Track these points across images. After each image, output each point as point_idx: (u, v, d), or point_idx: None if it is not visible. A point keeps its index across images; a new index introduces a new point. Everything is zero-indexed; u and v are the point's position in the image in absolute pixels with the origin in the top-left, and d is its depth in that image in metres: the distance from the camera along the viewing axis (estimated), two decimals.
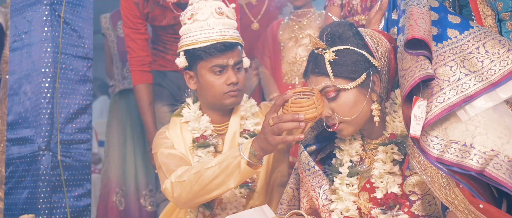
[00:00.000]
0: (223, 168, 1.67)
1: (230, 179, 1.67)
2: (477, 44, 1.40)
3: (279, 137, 1.53)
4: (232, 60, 1.91)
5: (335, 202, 1.56)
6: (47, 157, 2.34)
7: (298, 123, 1.47)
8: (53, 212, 2.34)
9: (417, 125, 1.28)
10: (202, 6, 1.93)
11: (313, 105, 1.47)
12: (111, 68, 3.44)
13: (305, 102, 1.48)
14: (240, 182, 1.69)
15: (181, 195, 1.76)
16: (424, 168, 1.33)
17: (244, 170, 1.64)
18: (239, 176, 1.66)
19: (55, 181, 2.35)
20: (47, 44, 2.37)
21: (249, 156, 1.62)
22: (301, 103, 1.48)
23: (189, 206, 1.85)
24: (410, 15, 1.39)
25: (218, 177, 1.68)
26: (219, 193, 1.73)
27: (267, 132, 1.54)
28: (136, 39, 2.56)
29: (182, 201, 1.78)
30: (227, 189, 1.71)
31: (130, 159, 3.13)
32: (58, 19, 2.40)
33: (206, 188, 1.71)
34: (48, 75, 2.37)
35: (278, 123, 1.51)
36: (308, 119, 1.48)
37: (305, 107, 1.47)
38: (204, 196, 1.74)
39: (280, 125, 1.50)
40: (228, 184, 1.68)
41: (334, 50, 1.48)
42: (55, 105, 2.36)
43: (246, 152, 1.63)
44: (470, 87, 1.32)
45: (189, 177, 1.73)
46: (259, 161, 1.64)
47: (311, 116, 1.47)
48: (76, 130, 2.44)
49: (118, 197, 3.11)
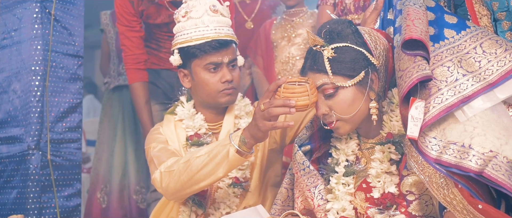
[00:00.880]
0: (212, 156, 1.67)
1: (219, 168, 1.66)
2: (474, 44, 1.40)
3: (269, 123, 1.53)
4: (226, 58, 1.90)
5: (331, 201, 1.55)
6: (36, 156, 2.31)
7: (289, 108, 1.47)
8: (43, 212, 2.31)
9: (415, 126, 1.27)
10: (196, 3, 1.92)
11: (305, 93, 1.46)
12: (107, 65, 3.41)
13: (298, 89, 1.47)
14: (228, 170, 1.68)
15: (169, 185, 1.75)
16: (421, 168, 1.32)
17: (233, 158, 1.63)
18: (228, 164, 1.65)
19: (45, 180, 2.32)
20: (37, 42, 2.34)
21: (239, 144, 1.62)
22: (293, 90, 1.47)
23: (177, 198, 1.84)
24: (406, 15, 1.39)
25: (206, 165, 1.67)
26: (207, 183, 1.71)
27: (257, 117, 1.54)
28: (131, 37, 2.53)
29: (170, 192, 1.77)
30: (216, 179, 1.70)
31: (119, 156, 3.10)
32: (48, 16, 2.36)
33: (194, 177, 1.70)
34: (38, 73, 2.33)
35: (269, 107, 1.50)
36: (299, 106, 1.47)
37: (297, 94, 1.47)
38: (192, 186, 1.72)
39: (270, 110, 1.50)
40: (217, 173, 1.67)
41: (333, 47, 1.47)
42: (45, 104, 2.33)
43: (236, 139, 1.63)
44: (468, 87, 1.32)
45: (178, 166, 1.73)
46: (249, 149, 1.64)
47: (303, 104, 1.46)
48: (66, 128, 2.41)
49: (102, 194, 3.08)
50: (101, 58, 3.57)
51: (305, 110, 1.49)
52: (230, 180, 1.92)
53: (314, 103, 1.49)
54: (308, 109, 1.49)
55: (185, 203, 1.93)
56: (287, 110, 1.47)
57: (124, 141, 3.11)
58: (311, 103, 1.47)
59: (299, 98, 1.47)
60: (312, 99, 1.47)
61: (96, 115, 5.82)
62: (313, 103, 1.48)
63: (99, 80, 7.06)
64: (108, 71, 3.36)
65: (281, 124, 1.54)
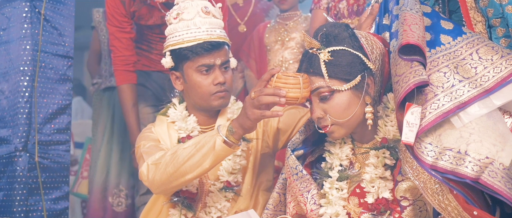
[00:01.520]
0: (199, 147, 1.65)
1: (206, 159, 1.64)
2: (470, 51, 1.40)
3: (258, 111, 1.52)
4: (219, 59, 1.88)
5: (325, 206, 1.55)
6: (24, 158, 2.27)
7: (279, 98, 1.46)
8: (29, 215, 2.27)
9: (410, 132, 1.27)
10: (188, 5, 1.90)
11: (297, 85, 1.46)
12: (95, 64, 3.36)
13: (291, 80, 1.47)
14: (215, 162, 1.66)
15: (155, 177, 1.73)
16: (416, 174, 1.32)
17: (219, 148, 1.61)
18: (214, 155, 1.63)
19: (32, 183, 2.28)
20: (26, 42, 2.30)
21: (226, 134, 1.61)
22: (286, 80, 1.47)
23: (164, 191, 1.81)
24: (403, 20, 1.39)
25: (193, 156, 1.66)
26: (194, 176, 1.69)
27: (247, 105, 1.54)
28: (121, 38, 2.51)
29: (156, 184, 1.75)
30: (203, 171, 1.68)
31: (103, 157, 3.06)
32: (38, 16, 2.33)
33: (180, 169, 1.68)
34: (26, 73, 2.29)
35: (259, 96, 1.50)
36: (290, 98, 1.46)
37: (289, 85, 1.46)
38: (178, 179, 1.70)
39: (260, 98, 1.50)
40: (203, 165, 1.65)
41: (329, 50, 1.46)
42: (33, 105, 2.30)
43: (223, 130, 1.62)
44: (464, 94, 1.32)
45: (165, 158, 1.72)
46: (237, 140, 1.62)
47: (293, 96, 1.46)
48: (54, 130, 2.37)
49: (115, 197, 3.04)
50: (89, 56, 3.49)
51: (295, 103, 1.48)
52: (222, 184, 1.91)
53: (304, 98, 1.48)
54: (298, 102, 1.48)
55: (175, 206, 1.91)
56: (277, 99, 1.47)
57: (111, 142, 3.08)
58: (301, 97, 1.46)
59: (291, 89, 1.46)
60: (303, 94, 1.46)
61: (85, 117, 5.78)
62: (304, 98, 1.47)
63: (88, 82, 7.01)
64: (99, 71, 3.31)
65: (270, 113, 1.53)
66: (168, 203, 1.91)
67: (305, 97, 1.48)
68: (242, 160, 1.92)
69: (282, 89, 1.46)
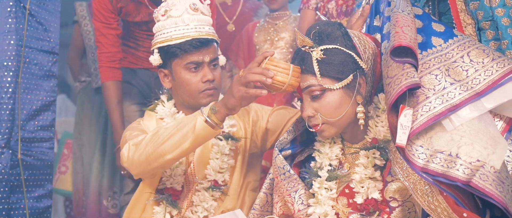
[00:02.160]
0: (180, 127, 1.64)
1: (186, 139, 1.62)
2: (461, 53, 1.40)
3: (243, 88, 1.52)
4: (208, 57, 1.87)
5: (313, 206, 1.54)
6: (6, 155, 2.22)
7: (265, 77, 1.46)
8: (11, 213, 2.23)
9: (403, 134, 1.26)
10: (176, 2, 1.88)
11: (287, 71, 1.46)
12: (76, 60, 3.28)
13: (282, 65, 1.47)
14: (195, 143, 1.64)
15: (134, 156, 1.71)
16: (406, 174, 1.32)
17: (200, 128, 1.60)
18: (195, 135, 1.61)
19: (14, 180, 2.24)
20: (10, 37, 2.25)
21: (208, 113, 1.60)
22: (277, 64, 1.47)
23: (143, 172, 1.78)
24: (395, 22, 1.38)
25: (173, 136, 1.64)
26: (173, 157, 1.67)
27: (234, 83, 1.54)
28: (107, 34, 2.47)
29: (135, 164, 1.73)
30: (182, 152, 1.65)
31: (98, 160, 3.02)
32: (23, 10, 2.28)
33: (159, 148, 1.66)
34: (10, 69, 2.24)
35: (247, 73, 1.50)
36: (276, 81, 1.46)
37: (279, 69, 1.46)
38: (157, 160, 1.68)
39: (247, 75, 1.50)
40: (183, 145, 1.63)
41: (322, 48, 1.45)
42: (16, 101, 2.25)
43: (206, 110, 1.61)
44: (456, 96, 1.32)
45: (146, 138, 1.71)
46: (219, 121, 1.61)
47: (280, 79, 1.46)
48: (38, 127, 2.33)
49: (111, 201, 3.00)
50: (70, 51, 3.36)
51: (280, 88, 1.47)
52: (209, 183, 1.89)
53: (291, 87, 1.47)
54: (283, 88, 1.47)
55: (159, 204, 1.89)
56: (264, 79, 1.46)
57: (105, 145, 3.04)
58: (288, 83, 1.46)
59: (279, 73, 1.46)
60: (291, 81, 1.45)
61: (68, 115, 5.71)
62: (291, 86, 1.47)
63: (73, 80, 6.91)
64: (85, 68, 3.24)
65: (253, 91, 1.51)
66: (152, 201, 1.89)
67: (292, 85, 1.47)
68: (230, 159, 1.91)
69: (271, 70, 1.46)
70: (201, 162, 1.90)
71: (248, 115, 1.98)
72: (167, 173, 1.89)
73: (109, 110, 2.52)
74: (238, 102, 1.56)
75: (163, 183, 1.89)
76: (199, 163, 1.90)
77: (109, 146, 3.02)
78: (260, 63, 1.50)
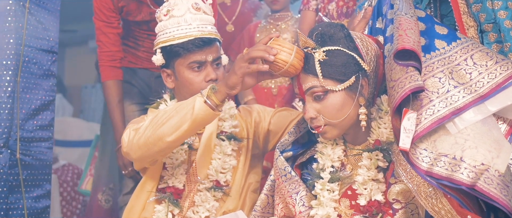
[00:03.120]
0: (179, 109, 1.63)
1: (184, 121, 1.61)
2: (465, 56, 1.40)
3: (245, 64, 1.51)
4: (210, 56, 1.86)
5: (316, 208, 1.54)
6: (5, 155, 2.21)
7: (268, 54, 1.45)
8: (10, 213, 2.21)
9: (407, 138, 1.27)
10: (178, 2, 1.88)
11: (290, 51, 1.45)
12: None
13: (287, 45, 1.47)
14: (194, 125, 1.62)
15: (133, 140, 1.71)
16: (410, 176, 1.32)
17: (198, 107, 1.58)
18: (193, 116, 1.59)
19: (13, 180, 2.22)
20: (10, 35, 2.24)
21: (208, 93, 1.59)
22: (281, 43, 1.47)
23: (142, 157, 1.76)
24: (399, 25, 1.38)
25: (172, 118, 1.63)
26: (172, 140, 1.65)
27: (237, 60, 1.54)
28: (108, 33, 2.46)
29: (134, 148, 1.72)
30: (181, 134, 1.64)
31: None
32: (22, 9, 2.26)
33: (158, 130, 1.65)
34: (9, 68, 2.23)
35: (250, 50, 1.50)
36: (279, 59, 1.45)
37: (283, 48, 1.46)
38: (156, 143, 1.66)
39: (250, 51, 1.49)
40: (182, 127, 1.62)
41: (324, 50, 1.45)
42: (16, 100, 2.23)
43: (205, 90, 1.60)
44: (459, 99, 1.32)
45: (145, 122, 1.70)
46: (219, 101, 1.59)
47: (283, 58, 1.45)
48: (37, 127, 2.32)
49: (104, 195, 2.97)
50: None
51: (282, 67, 1.46)
52: (211, 183, 1.89)
53: (293, 67, 1.46)
54: (285, 68, 1.45)
55: (160, 202, 1.89)
56: (266, 55, 1.45)
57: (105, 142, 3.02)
58: (290, 63, 1.44)
59: (283, 52, 1.45)
60: (293, 61, 1.45)
61: (65, 114, 5.70)
62: (292, 67, 1.45)
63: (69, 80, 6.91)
64: None
65: (255, 66, 1.50)
66: (154, 200, 1.89)
67: (294, 66, 1.45)
68: (232, 160, 1.90)
69: (274, 49, 1.46)
70: (203, 162, 1.90)
71: (251, 115, 1.98)
72: (169, 172, 1.89)
73: (109, 109, 2.52)
74: (240, 80, 1.54)
75: (165, 181, 1.89)
76: (201, 162, 1.90)
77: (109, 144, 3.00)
78: (266, 43, 1.50)
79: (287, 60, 1.44)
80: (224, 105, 1.96)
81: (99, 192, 2.97)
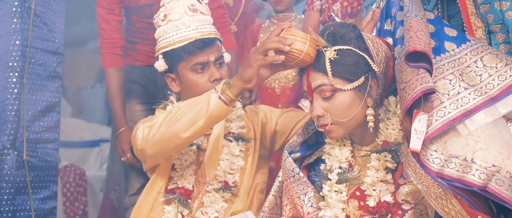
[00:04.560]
0: (193, 105, 1.62)
1: (200, 117, 1.60)
2: (474, 58, 1.41)
3: (260, 56, 1.50)
4: (212, 56, 1.87)
5: (324, 209, 1.54)
6: (11, 156, 2.21)
7: (284, 45, 1.44)
8: (17, 215, 2.22)
9: (418, 139, 1.27)
10: (174, 5, 1.88)
11: (305, 40, 1.45)
12: None
13: (300, 34, 1.46)
14: (209, 121, 1.61)
15: (148, 136, 1.70)
16: (419, 177, 1.33)
17: (213, 103, 1.57)
18: (208, 112, 1.58)
19: (20, 182, 2.23)
20: (15, 37, 2.24)
21: (223, 87, 1.57)
22: (295, 33, 1.47)
23: (157, 153, 1.76)
24: (409, 27, 1.39)
25: (186, 114, 1.62)
26: (188, 136, 1.64)
27: (251, 53, 1.52)
28: (110, 20, 2.42)
29: (149, 144, 1.71)
30: (197, 130, 1.63)
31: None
32: (28, 11, 2.26)
33: (173, 126, 1.64)
34: (15, 69, 2.23)
35: (265, 42, 1.48)
36: (294, 49, 1.44)
37: (297, 37, 1.45)
38: (171, 140, 1.66)
39: (265, 43, 1.48)
40: (197, 123, 1.61)
41: (336, 49, 1.46)
42: (22, 102, 2.23)
43: (219, 86, 1.59)
44: (470, 101, 1.33)
45: (159, 119, 1.70)
46: (234, 96, 1.58)
47: (298, 47, 1.44)
48: (43, 128, 2.32)
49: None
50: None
51: (298, 57, 1.45)
52: (219, 184, 1.90)
53: (308, 56, 1.45)
54: (300, 58, 1.45)
55: (170, 203, 1.89)
56: (282, 46, 1.44)
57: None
58: (305, 52, 1.44)
59: (297, 41, 1.45)
60: (308, 50, 1.44)
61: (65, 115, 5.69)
62: (308, 55, 1.45)
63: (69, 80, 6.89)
64: None
65: (271, 57, 1.49)
66: (163, 200, 1.89)
67: (309, 55, 1.45)
68: (240, 161, 1.91)
69: (289, 39, 1.45)
70: (212, 163, 1.90)
71: (257, 116, 1.98)
72: (179, 173, 1.89)
73: (109, 96, 2.46)
74: (255, 73, 1.53)
75: (175, 182, 1.90)
76: (210, 163, 1.91)
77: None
78: (278, 35, 1.49)
79: (302, 50, 1.44)
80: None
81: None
